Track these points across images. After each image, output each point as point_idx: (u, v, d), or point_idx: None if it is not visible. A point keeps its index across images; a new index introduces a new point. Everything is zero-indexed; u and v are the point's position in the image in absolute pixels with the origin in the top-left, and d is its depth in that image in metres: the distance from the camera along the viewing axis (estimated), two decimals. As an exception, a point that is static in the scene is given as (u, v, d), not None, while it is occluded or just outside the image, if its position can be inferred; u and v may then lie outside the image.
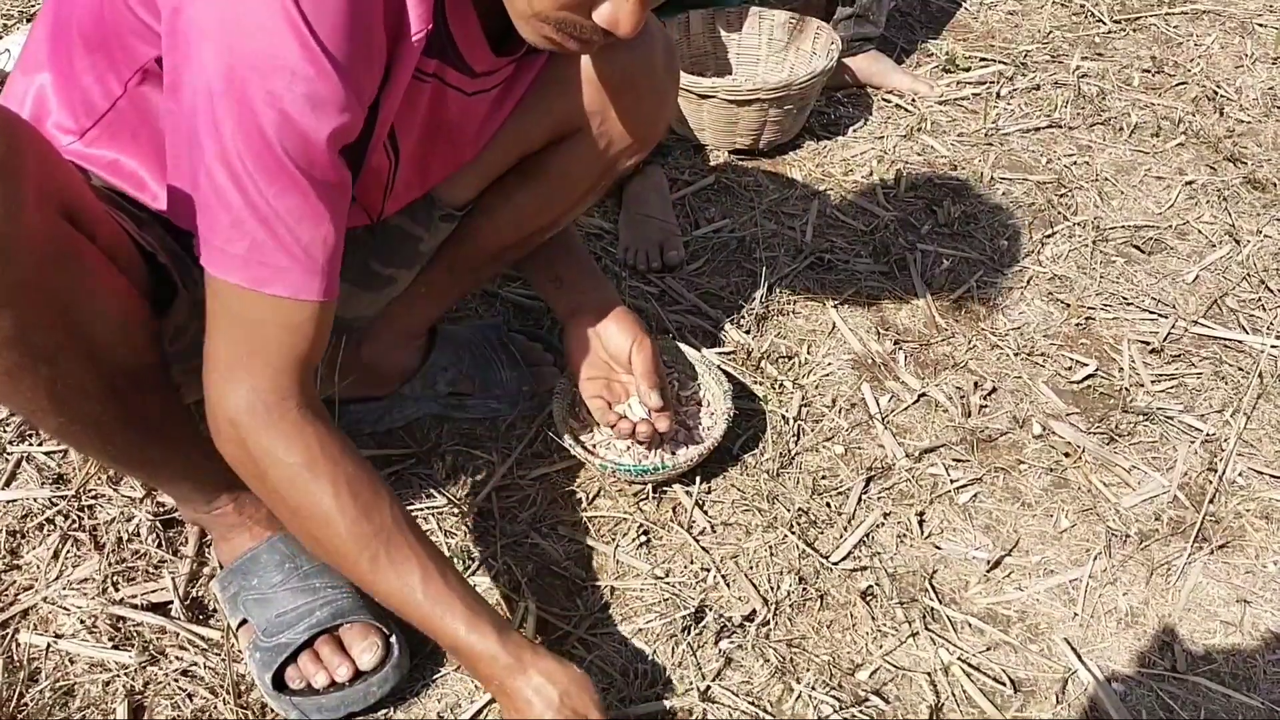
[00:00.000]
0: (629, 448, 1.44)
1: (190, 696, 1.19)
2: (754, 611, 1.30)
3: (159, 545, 1.34)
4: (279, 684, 1.17)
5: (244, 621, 1.22)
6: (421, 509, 1.40)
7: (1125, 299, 1.81)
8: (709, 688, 1.22)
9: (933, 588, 1.35)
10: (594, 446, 1.46)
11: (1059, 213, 2.00)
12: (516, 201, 1.33)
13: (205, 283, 0.98)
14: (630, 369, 1.38)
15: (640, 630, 1.28)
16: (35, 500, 1.38)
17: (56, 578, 1.30)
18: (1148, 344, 1.72)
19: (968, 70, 2.42)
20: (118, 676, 1.20)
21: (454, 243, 1.37)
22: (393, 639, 1.20)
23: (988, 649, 1.28)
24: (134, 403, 1.06)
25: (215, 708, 1.18)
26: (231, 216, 0.93)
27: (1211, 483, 1.48)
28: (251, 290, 0.96)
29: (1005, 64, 2.44)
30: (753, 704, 1.20)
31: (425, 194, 1.29)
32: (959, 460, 1.52)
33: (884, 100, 2.33)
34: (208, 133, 0.91)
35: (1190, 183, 2.09)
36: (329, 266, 0.98)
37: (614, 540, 1.39)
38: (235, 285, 0.96)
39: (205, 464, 1.17)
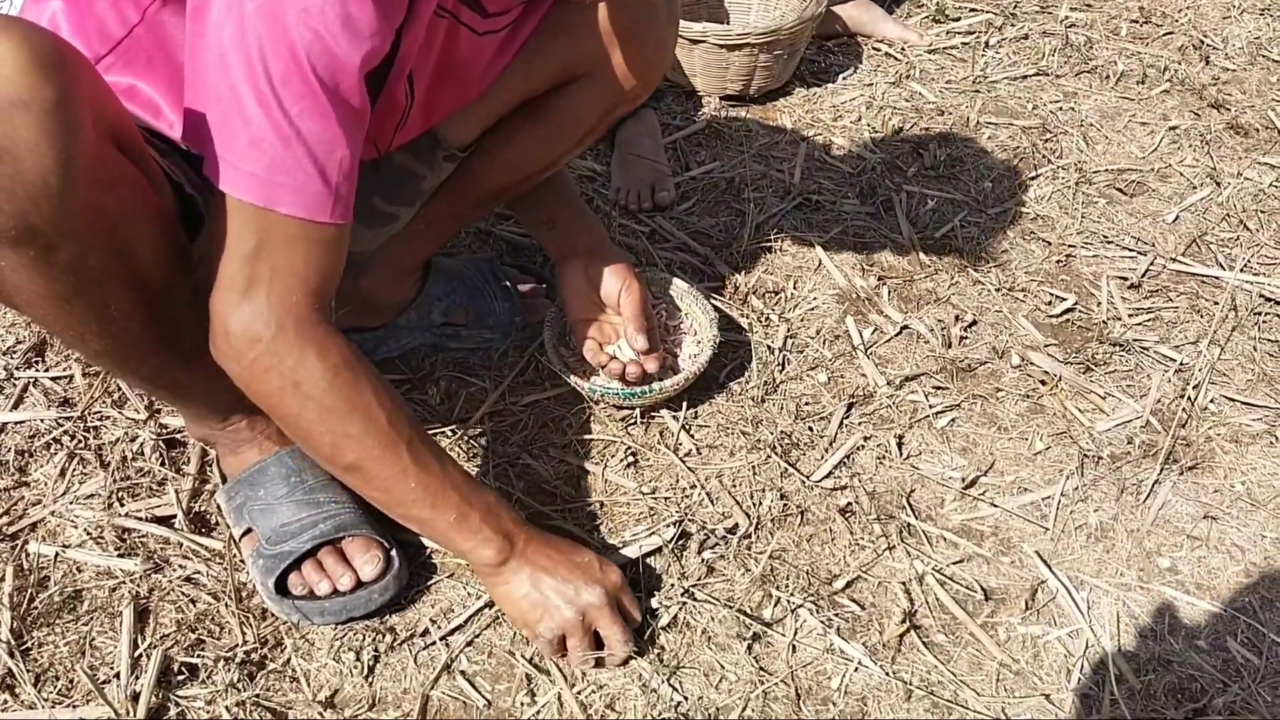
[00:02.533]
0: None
1: (193, 601, 1.24)
2: (736, 525, 1.35)
3: (162, 463, 1.39)
4: (281, 590, 1.22)
5: (248, 531, 1.26)
6: (416, 431, 1.45)
7: (1106, 237, 1.85)
8: (692, 592, 1.27)
9: (910, 505, 1.39)
10: (584, 373, 1.50)
11: (1043, 156, 2.04)
12: (518, 143, 1.37)
13: (217, 203, 1.00)
14: (620, 311, 1.42)
15: (626, 542, 1.32)
16: (43, 421, 1.43)
17: (64, 493, 1.35)
18: (1126, 280, 1.76)
19: (957, 20, 2.45)
20: (123, 583, 1.25)
21: (455, 181, 1.40)
22: (393, 552, 1.25)
23: (961, 561, 1.33)
24: (170, 324, 1.09)
25: (218, 612, 1.23)
26: (251, 134, 0.94)
27: (1184, 408, 1.52)
28: (269, 210, 0.97)
29: (994, 14, 2.47)
30: (732, 607, 1.25)
31: (429, 133, 1.32)
32: (939, 388, 1.56)
33: (874, 49, 2.36)
34: (236, 49, 0.93)
35: (1174, 128, 2.12)
36: (346, 190, 1.00)
37: (603, 461, 1.44)
38: (251, 204, 0.97)
39: (226, 385, 1.21)
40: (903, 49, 2.35)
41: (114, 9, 1.07)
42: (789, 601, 1.26)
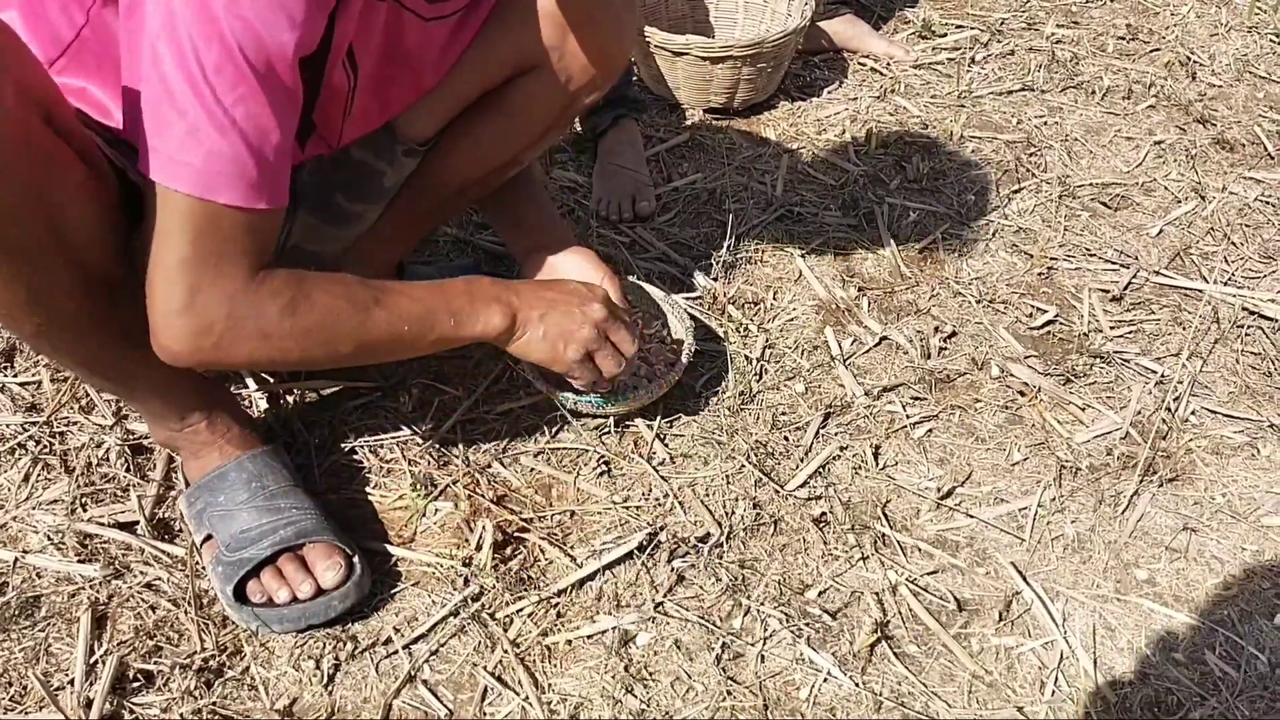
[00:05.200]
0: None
1: (153, 608, 1.22)
2: (708, 534, 1.33)
3: (128, 470, 1.37)
4: (241, 597, 1.20)
5: (208, 538, 1.24)
6: (386, 439, 1.43)
7: (1089, 250, 1.84)
8: (661, 603, 1.25)
9: (885, 515, 1.37)
10: (558, 382, 1.48)
11: (1027, 170, 2.03)
12: (478, 136, 1.36)
13: (153, 195, 0.98)
14: None
15: (596, 550, 1.30)
16: (8, 426, 1.41)
17: (26, 499, 1.33)
18: (1108, 292, 1.74)
19: (943, 36, 2.45)
20: (83, 589, 1.23)
21: (418, 178, 1.39)
22: (355, 559, 1.23)
23: (935, 571, 1.31)
24: (107, 307, 1.08)
25: (177, 619, 1.21)
26: (188, 124, 0.94)
27: (1164, 420, 1.51)
28: (205, 199, 0.97)
29: (980, 30, 2.47)
30: (702, 618, 1.23)
31: (387, 128, 1.31)
32: (916, 398, 1.54)
33: (859, 64, 2.36)
34: (167, 40, 0.93)
35: (1159, 143, 2.12)
36: (280, 174, 1.01)
37: (575, 470, 1.42)
38: (188, 195, 0.97)
39: (180, 379, 1.20)
40: (888, 64, 2.35)
41: (63, 12, 1.07)
42: (759, 611, 1.24)
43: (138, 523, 1.30)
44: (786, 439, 1.47)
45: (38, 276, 1.00)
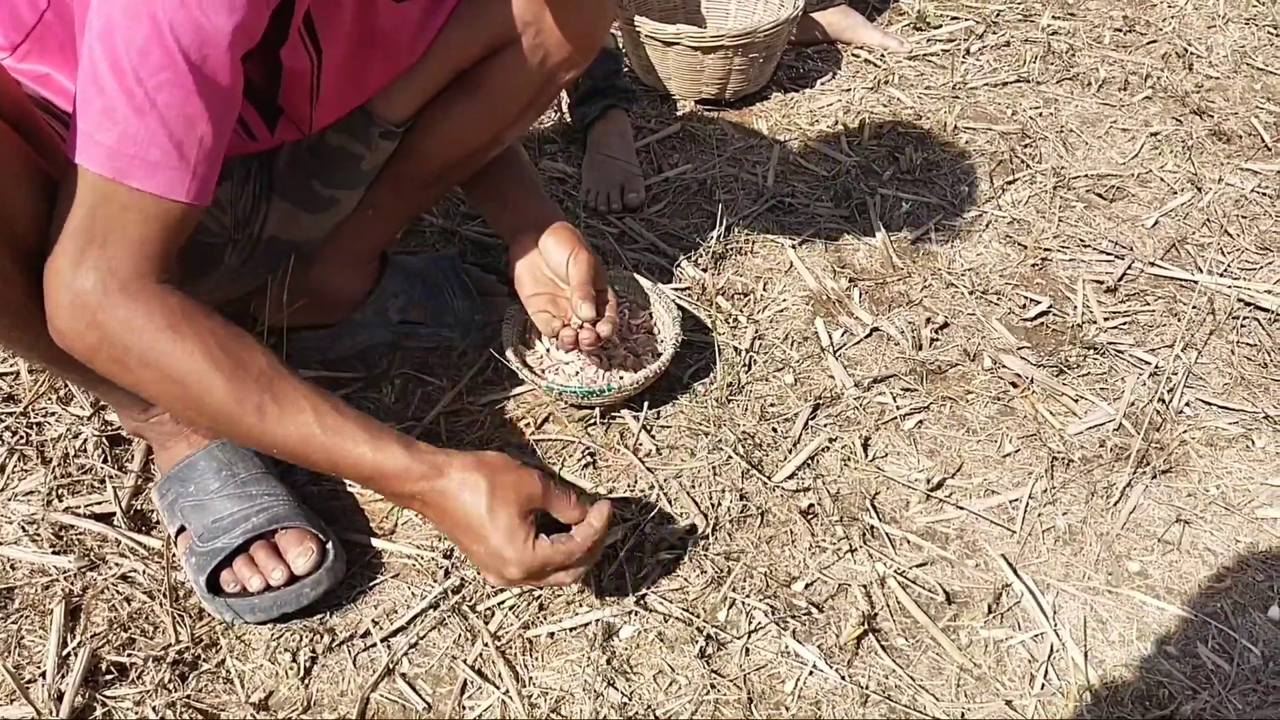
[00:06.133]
0: (578, 372, 1.45)
1: (128, 600, 1.20)
2: (694, 526, 1.31)
3: (105, 461, 1.35)
4: (214, 588, 1.18)
5: (182, 529, 1.23)
6: (368, 430, 1.41)
7: (1083, 241, 1.82)
8: (645, 595, 1.23)
9: (874, 507, 1.35)
10: (543, 371, 1.46)
11: (1021, 161, 2.01)
12: (456, 116, 1.33)
13: (69, 174, 0.95)
14: (568, 281, 1.38)
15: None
16: (-16, 417, 1.39)
17: (2, 489, 1.31)
18: (1102, 283, 1.72)
19: (938, 27, 2.43)
20: (56, 580, 1.21)
21: (397, 161, 1.36)
22: (329, 545, 1.21)
23: (924, 564, 1.29)
24: None
25: (152, 611, 1.19)
26: (105, 102, 0.91)
27: (1158, 412, 1.48)
28: (115, 181, 0.93)
29: (976, 21, 2.45)
30: (686, 611, 1.21)
31: (363, 110, 1.29)
32: (907, 390, 1.52)
33: (853, 55, 2.34)
34: (98, 18, 0.90)
35: (1155, 134, 2.10)
36: (204, 169, 0.96)
37: (560, 462, 1.40)
38: (98, 175, 0.93)
39: None
40: (883, 56, 2.33)
41: None
42: (744, 603, 1.22)
43: (114, 514, 1.28)
44: (775, 430, 1.45)
45: None
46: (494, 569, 1.08)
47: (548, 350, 1.48)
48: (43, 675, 1.12)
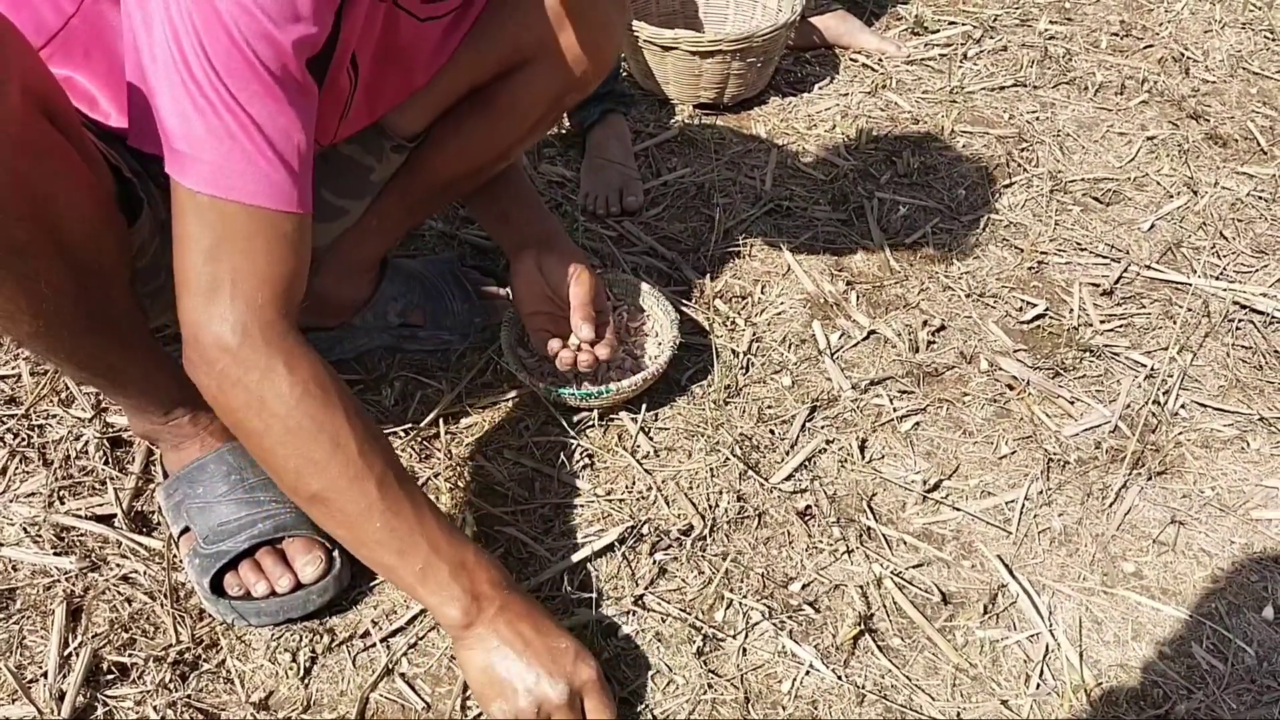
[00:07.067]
0: (575, 377, 1.46)
1: (129, 601, 1.21)
2: (691, 527, 1.31)
3: (106, 462, 1.36)
4: (218, 590, 1.19)
5: (186, 530, 1.23)
6: (368, 432, 1.41)
7: (1079, 245, 1.83)
8: (642, 596, 1.23)
9: (870, 508, 1.36)
10: (541, 373, 1.47)
11: (1018, 165, 2.02)
12: (466, 132, 1.35)
13: (174, 197, 0.96)
14: (569, 301, 1.40)
15: (577, 544, 1.29)
16: (-14, 419, 1.40)
17: (3, 491, 1.32)
18: (1099, 286, 1.73)
19: (936, 32, 2.44)
20: (58, 581, 1.22)
21: (405, 173, 1.38)
22: (335, 554, 1.22)
23: (920, 564, 1.29)
24: (103, 305, 1.06)
25: (153, 611, 1.20)
26: (205, 124, 0.92)
27: (1154, 414, 1.49)
28: (228, 200, 0.93)
29: (973, 26, 2.46)
30: (684, 611, 1.22)
31: (376, 124, 1.30)
32: (904, 392, 1.53)
33: (851, 60, 2.35)
34: (173, 39, 0.90)
35: (1152, 138, 2.10)
36: (305, 175, 0.97)
37: (558, 463, 1.41)
38: (210, 196, 0.93)
39: (165, 375, 1.19)
40: (880, 60, 2.34)
41: (49, 1, 1.05)
42: (741, 604, 1.23)
43: (115, 515, 1.29)
44: (772, 432, 1.46)
45: (34, 275, 0.96)
46: (521, 684, 1.04)
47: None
48: (44, 675, 1.13)
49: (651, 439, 1.44)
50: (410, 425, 1.43)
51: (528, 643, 1.04)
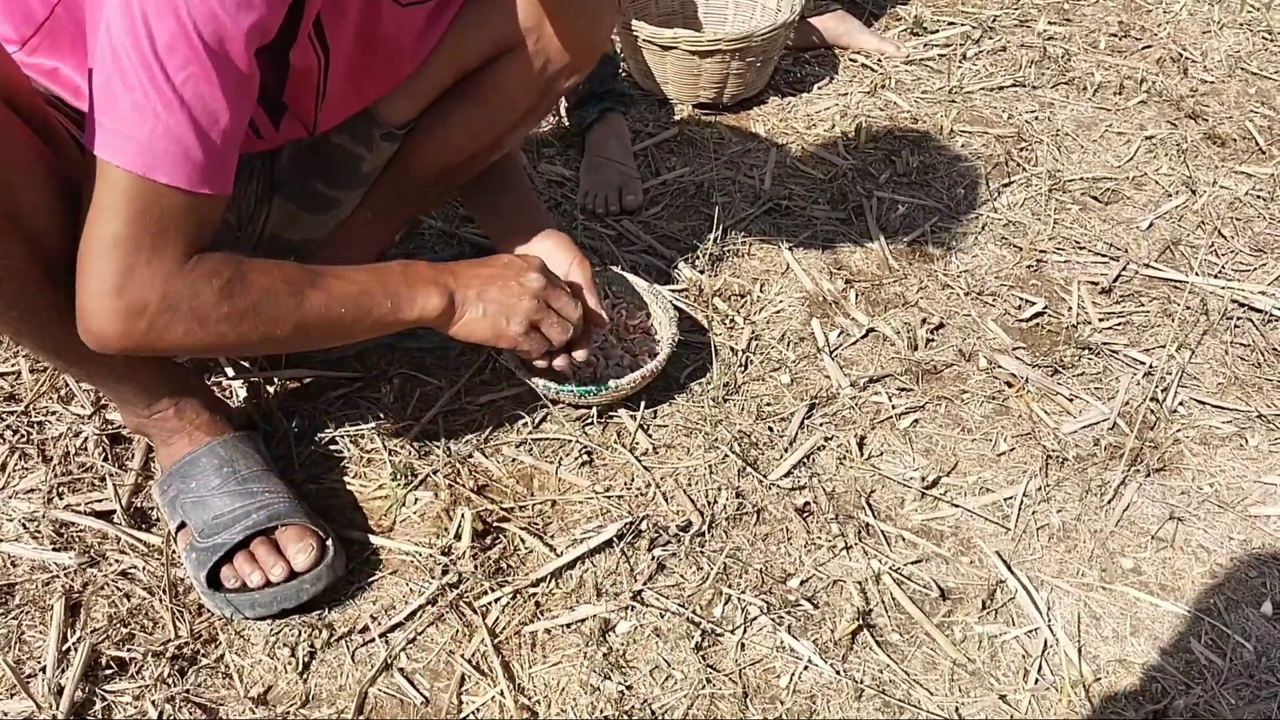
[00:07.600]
0: (575, 372, 1.46)
1: (127, 596, 1.21)
2: (690, 523, 1.31)
3: (105, 459, 1.36)
4: (214, 583, 1.19)
5: (182, 525, 1.23)
6: (367, 429, 1.42)
7: (1078, 243, 1.83)
8: (641, 591, 1.23)
9: (869, 505, 1.36)
10: (540, 372, 1.47)
11: (1017, 164, 2.02)
12: (456, 121, 1.34)
13: (98, 169, 0.96)
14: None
15: (577, 539, 1.29)
16: (-15, 416, 1.40)
17: (2, 487, 1.32)
18: (1097, 284, 1.73)
19: (935, 32, 2.45)
20: (57, 577, 1.22)
21: (397, 164, 1.38)
22: (329, 541, 1.22)
23: (919, 560, 1.29)
24: (71, 292, 1.06)
25: (152, 607, 1.20)
26: (134, 100, 0.92)
27: (1152, 411, 1.49)
28: (147, 178, 0.94)
29: (972, 27, 2.46)
30: (683, 607, 1.22)
31: (365, 112, 1.30)
32: (903, 389, 1.53)
33: (850, 60, 2.35)
34: (121, 15, 0.91)
35: (1150, 138, 2.11)
36: (229, 159, 0.98)
37: (557, 460, 1.41)
38: (130, 172, 0.94)
39: (146, 365, 1.19)
40: (879, 60, 2.34)
41: None
42: (740, 599, 1.23)
43: (114, 511, 1.29)
44: (771, 429, 1.46)
45: None
46: (511, 295, 1.22)
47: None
48: (43, 670, 1.13)
49: (650, 436, 1.44)
50: (409, 422, 1.43)
51: (491, 274, 1.23)
